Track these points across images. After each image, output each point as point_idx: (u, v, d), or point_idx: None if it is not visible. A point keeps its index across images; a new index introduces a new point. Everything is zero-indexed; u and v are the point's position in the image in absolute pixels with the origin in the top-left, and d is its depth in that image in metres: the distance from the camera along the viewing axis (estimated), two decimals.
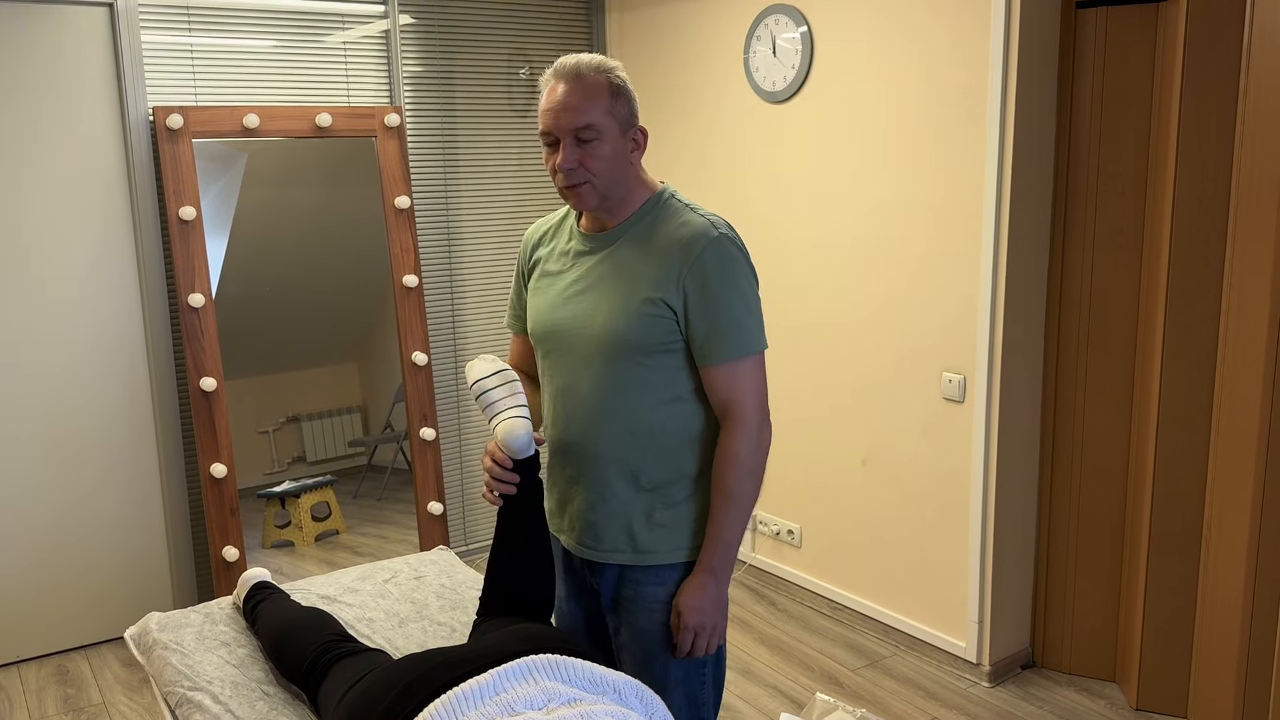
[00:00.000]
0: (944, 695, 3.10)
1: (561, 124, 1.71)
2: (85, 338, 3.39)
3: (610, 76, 1.73)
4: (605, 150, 1.72)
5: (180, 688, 2.06)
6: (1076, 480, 3.09)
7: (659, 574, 1.83)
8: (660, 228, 1.77)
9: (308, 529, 3.74)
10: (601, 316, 1.77)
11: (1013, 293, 2.95)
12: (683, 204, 1.81)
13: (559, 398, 1.86)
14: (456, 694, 1.55)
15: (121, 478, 3.50)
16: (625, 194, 1.79)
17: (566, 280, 1.84)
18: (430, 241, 3.96)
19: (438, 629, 2.33)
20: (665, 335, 1.74)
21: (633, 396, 1.77)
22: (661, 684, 1.85)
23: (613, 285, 1.77)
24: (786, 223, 3.60)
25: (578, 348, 1.81)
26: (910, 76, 3.10)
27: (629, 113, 1.75)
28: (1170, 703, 2.96)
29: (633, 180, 1.80)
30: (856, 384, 3.42)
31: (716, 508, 1.78)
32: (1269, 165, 2.55)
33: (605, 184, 1.74)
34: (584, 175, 1.72)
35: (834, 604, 3.64)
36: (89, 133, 3.31)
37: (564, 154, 1.71)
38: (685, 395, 1.79)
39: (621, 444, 1.79)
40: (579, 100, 1.70)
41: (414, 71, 3.85)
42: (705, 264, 1.72)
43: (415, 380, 3.79)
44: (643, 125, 1.78)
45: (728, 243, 1.74)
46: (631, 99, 1.76)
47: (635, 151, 1.78)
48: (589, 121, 1.70)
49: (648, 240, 1.77)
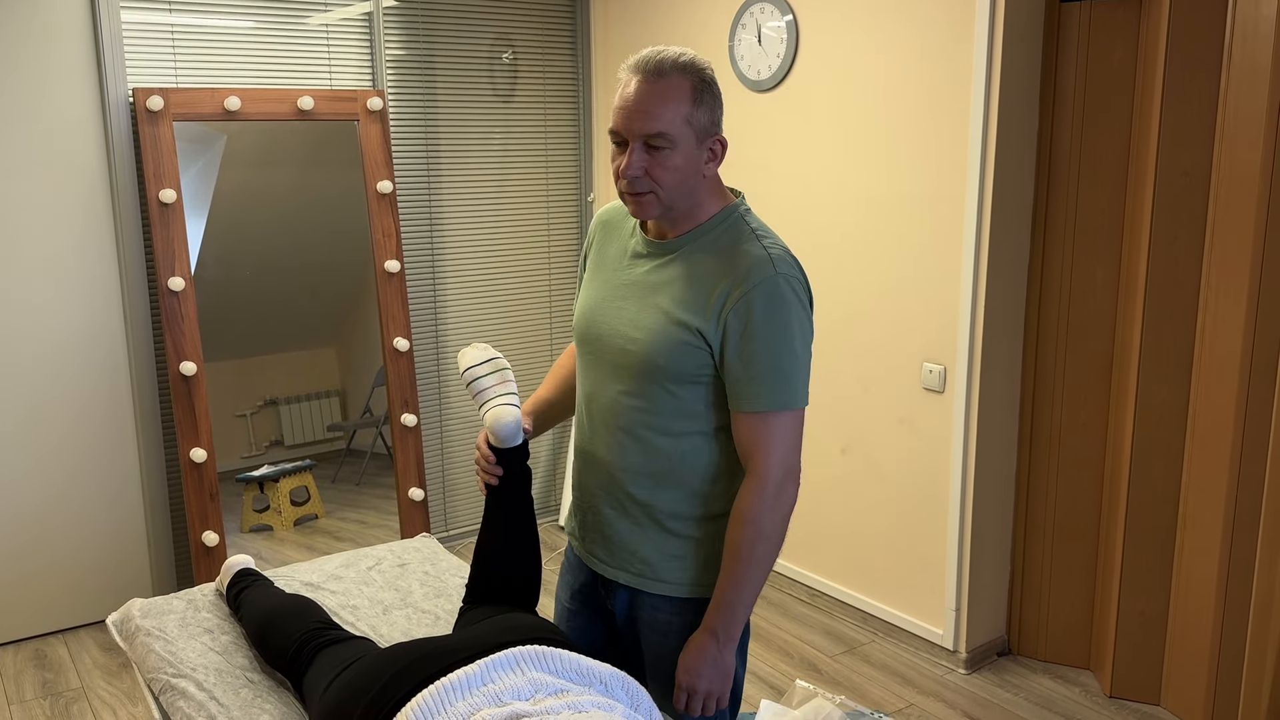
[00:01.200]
0: (921, 682, 3.14)
1: (632, 127, 1.55)
2: (64, 321, 3.36)
3: (695, 79, 1.56)
4: (676, 160, 1.57)
5: (164, 675, 2.06)
6: (1054, 471, 3.13)
7: (673, 604, 1.74)
8: (721, 249, 1.62)
9: (286, 513, 3.73)
10: (639, 332, 1.65)
11: (993, 285, 2.98)
12: (750, 227, 1.64)
13: (586, 403, 1.77)
14: (444, 685, 1.56)
15: (100, 462, 3.48)
16: (693, 205, 1.64)
17: (616, 281, 1.72)
18: (412, 227, 3.95)
19: (422, 616, 2.34)
20: (697, 367, 1.62)
21: (655, 421, 1.67)
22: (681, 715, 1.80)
23: (657, 301, 1.65)
24: (768, 212, 3.61)
25: (610, 357, 1.70)
26: (894, 68, 3.11)
27: (710, 121, 1.59)
28: (1143, 690, 3.01)
29: (704, 192, 1.64)
30: (838, 373, 3.44)
31: (725, 567, 1.65)
32: (1248, 161, 2.58)
33: (671, 196, 1.59)
34: (649, 184, 1.58)
35: (813, 591, 3.67)
36: (68, 114, 3.27)
37: (630, 159, 1.56)
38: (708, 430, 1.67)
39: (638, 466, 1.70)
40: (655, 104, 1.54)
41: (397, 55, 3.82)
42: (753, 302, 1.57)
43: (397, 366, 3.78)
44: (723, 136, 1.62)
45: (784, 283, 1.58)
46: (716, 104, 1.60)
47: (710, 163, 1.62)
48: (662, 129, 1.54)
49: (705, 260, 1.62)
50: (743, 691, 1.91)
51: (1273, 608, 2.67)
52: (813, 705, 2.29)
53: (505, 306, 4.24)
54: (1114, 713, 2.96)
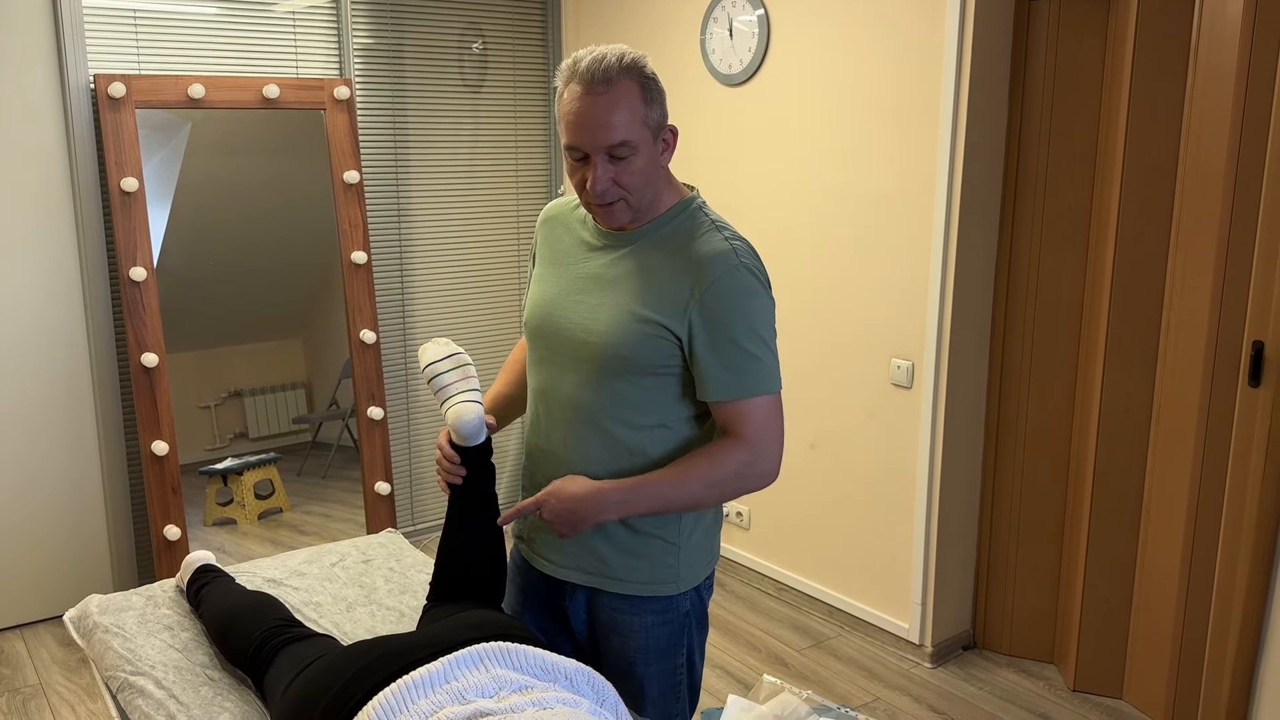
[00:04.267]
0: (887, 676, 3.15)
1: (596, 141, 1.53)
2: (23, 312, 3.29)
3: (640, 78, 1.55)
4: (640, 164, 1.57)
5: (122, 672, 2.03)
6: (1019, 467, 3.15)
7: (635, 604, 1.73)
8: (679, 240, 1.62)
9: (250, 507, 3.68)
10: (599, 324, 1.63)
11: (961, 281, 2.99)
12: (710, 219, 1.65)
13: (540, 398, 1.75)
14: (406, 682, 1.54)
15: (60, 455, 3.42)
16: (655, 200, 1.64)
17: (572, 275, 1.70)
18: (380, 217, 3.91)
19: (386, 613, 2.31)
20: (663, 358, 1.61)
21: (616, 414, 1.65)
22: (637, 703, 1.80)
23: (617, 293, 1.63)
24: (740, 206, 3.60)
25: (568, 350, 1.68)
26: (865, 63, 3.11)
27: (660, 115, 1.59)
28: (1106, 684, 3.03)
29: (661, 184, 1.65)
30: (807, 368, 3.45)
31: (665, 473, 1.61)
32: (1213, 158, 2.60)
33: (639, 197, 1.60)
34: (619, 193, 1.58)
35: (781, 585, 3.67)
36: (27, 101, 3.21)
37: (597, 174, 1.55)
38: (673, 423, 1.66)
39: (597, 461, 1.67)
40: (611, 113, 1.52)
41: (364, 43, 3.77)
42: (718, 294, 1.57)
43: (363, 359, 3.74)
44: (673, 125, 1.60)
45: (747, 273, 1.58)
46: (663, 96, 1.59)
47: (666, 153, 1.63)
48: (624, 138, 1.53)
49: (664, 252, 1.62)
50: (701, 683, 1.91)
51: (1233, 602, 2.70)
52: (780, 700, 2.29)
53: (474, 299, 4.21)
54: (1077, 706, 2.99)
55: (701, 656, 1.86)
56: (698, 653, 1.84)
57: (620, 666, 1.78)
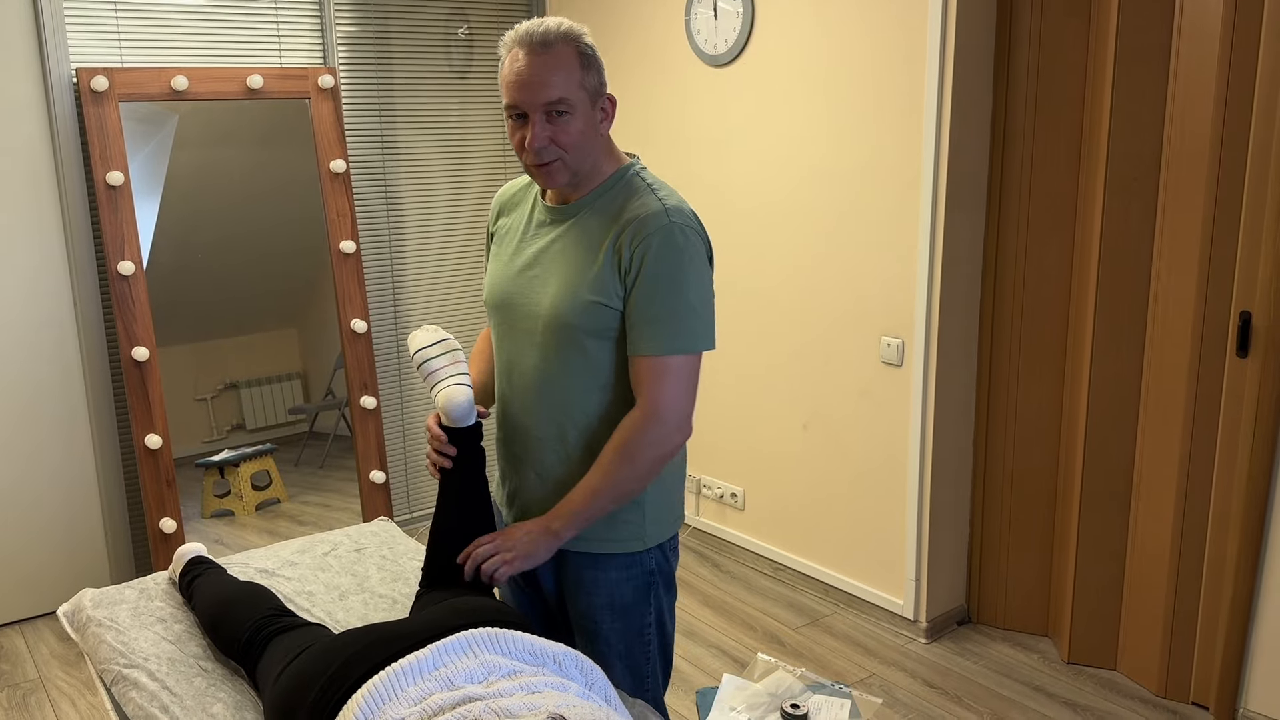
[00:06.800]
0: (882, 652, 3.17)
1: (534, 99, 1.61)
2: (11, 308, 3.29)
3: (579, 45, 1.64)
4: (578, 125, 1.64)
5: (116, 665, 2.03)
6: (1011, 443, 3.15)
7: (600, 561, 1.80)
8: (617, 206, 1.69)
9: (248, 498, 3.69)
10: (549, 295, 1.71)
11: (950, 259, 2.99)
12: (645, 183, 1.72)
13: (505, 373, 1.83)
14: (395, 669, 1.55)
15: (54, 451, 3.42)
16: (593, 167, 1.71)
17: (525, 251, 1.77)
18: (368, 206, 3.90)
19: (379, 601, 2.32)
20: (608, 321, 1.68)
21: (573, 379, 1.72)
22: (604, 660, 1.85)
23: (564, 263, 1.70)
24: (728, 186, 3.60)
25: (524, 323, 1.75)
26: (850, 43, 3.09)
27: (599, 82, 1.67)
28: (1100, 656, 3.05)
29: (601, 153, 1.72)
30: (798, 349, 3.45)
31: (587, 478, 1.71)
32: (1197, 143, 2.60)
33: (576, 159, 1.66)
34: (556, 152, 1.64)
35: (776, 565, 3.69)
36: (8, 96, 3.20)
37: (535, 131, 1.62)
38: (629, 384, 1.73)
39: (559, 426, 1.75)
40: (550, 73, 1.60)
41: (348, 31, 3.76)
42: (648, 250, 1.63)
43: (355, 348, 3.74)
44: (611, 93, 1.70)
45: (678, 231, 1.64)
46: (600, 66, 1.67)
47: (605, 122, 1.70)
48: (561, 95, 1.61)
49: (602, 218, 1.69)
50: (673, 652, 1.95)
51: (1225, 572, 2.71)
52: (774, 678, 2.30)
53: (464, 286, 4.20)
54: (1071, 678, 3.00)
55: (672, 622, 1.92)
56: (668, 617, 1.90)
57: (587, 625, 1.84)
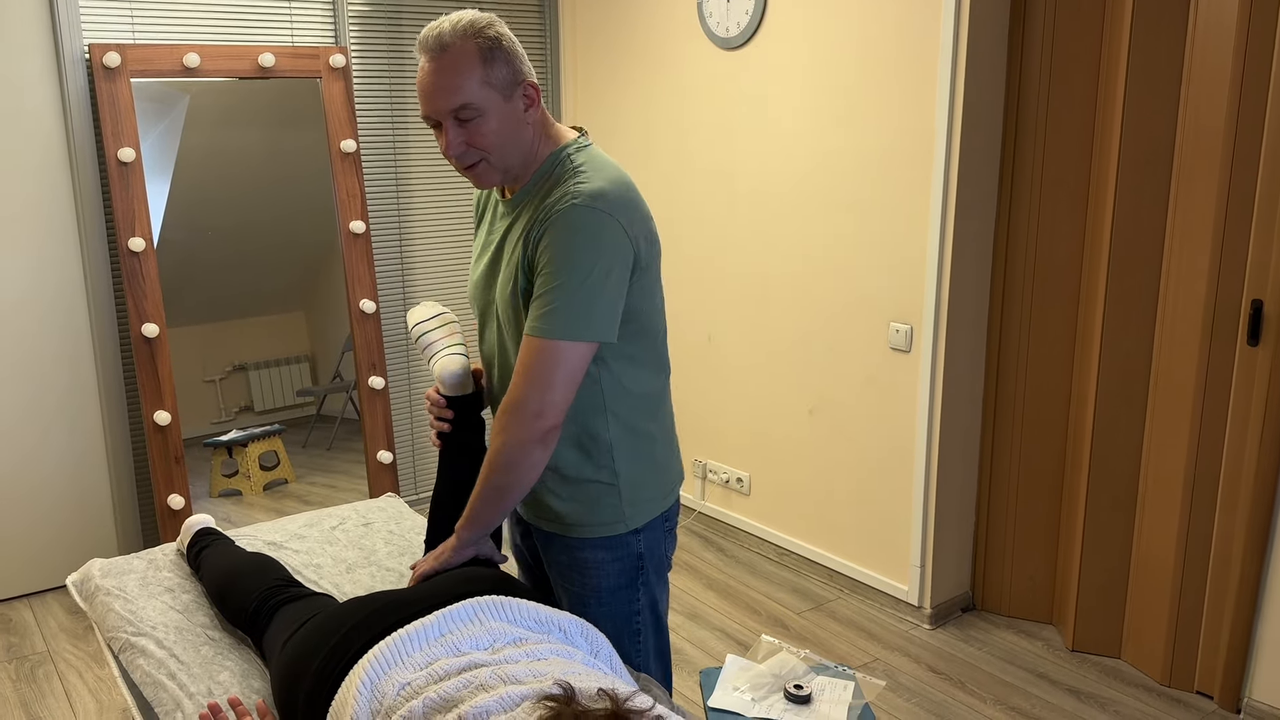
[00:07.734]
0: (886, 637, 3.17)
1: (437, 107, 1.58)
2: (22, 283, 3.30)
3: (480, 40, 1.57)
4: (491, 124, 1.60)
5: (124, 633, 2.05)
6: (1018, 431, 3.15)
7: (587, 544, 1.81)
8: (544, 192, 1.66)
9: (255, 478, 3.70)
10: (498, 285, 1.72)
11: (960, 245, 2.98)
12: (572, 165, 1.66)
13: (488, 365, 1.86)
14: (401, 636, 1.55)
15: (63, 427, 3.44)
16: (528, 157, 1.67)
17: (489, 247, 1.78)
18: (378, 186, 3.90)
19: (386, 574, 2.33)
20: None
21: None
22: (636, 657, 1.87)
23: (505, 255, 1.70)
24: (738, 171, 3.59)
25: (492, 315, 1.78)
26: (863, 26, 3.09)
27: (510, 73, 1.60)
28: (1104, 644, 3.05)
29: (534, 140, 1.67)
30: (806, 334, 3.45)
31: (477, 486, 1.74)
32: (1212, 125, 2.58)
33: (502, 157, 1.63)
34: (477, 154, 1.62)
35: (781, 550, 3.69)
36: (21, 72, 3.20)
37: (448, 138, 1.59)
38: (594, 369, 1.72)
39: None
40: (449, 78, 1.56)
41: (360, 10, 3.76)
42: (544, 233, 1.60)
43: (363, 328, 3.75)
44: (532, 80, 1.64)
45: (580, 212, 1.58)
46: (510, 57, 1.60)
47: (530, 110, 1.64)
48: (463, 100, 1.57)
49: (534, 205, 1.66)
50: (669, 643, 1.96)
51: (1231, 561, 2.71)
52: (778, 659, 2.30)
53: None
54: (1076, 666, 3.00)
55: (665, 610, 1.92)
56: (661, 603, 1.90)
57: (577, 610, 1.86)
